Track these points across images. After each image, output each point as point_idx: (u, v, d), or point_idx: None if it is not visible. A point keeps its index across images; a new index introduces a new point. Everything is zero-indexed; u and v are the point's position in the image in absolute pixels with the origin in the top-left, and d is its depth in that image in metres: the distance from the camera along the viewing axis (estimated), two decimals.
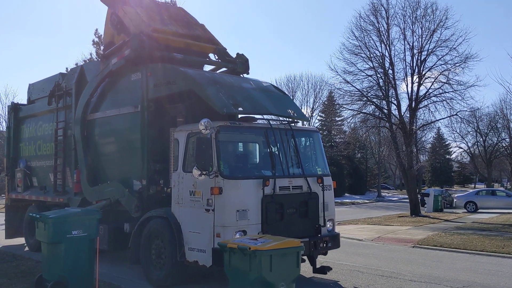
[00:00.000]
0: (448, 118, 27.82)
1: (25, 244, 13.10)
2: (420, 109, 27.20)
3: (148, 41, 9.43)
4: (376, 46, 26.88)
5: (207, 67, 11.20)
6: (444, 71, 26.36)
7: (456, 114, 26.80)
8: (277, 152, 8.71)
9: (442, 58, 26.25)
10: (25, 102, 14.17)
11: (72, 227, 7.91)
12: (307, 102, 49.06)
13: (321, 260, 9.94)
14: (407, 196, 30.00)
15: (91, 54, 28.01)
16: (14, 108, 14.13)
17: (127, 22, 10.12)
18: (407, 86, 27.33)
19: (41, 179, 12.83)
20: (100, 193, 10.24)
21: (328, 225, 9.15)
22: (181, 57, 9.95)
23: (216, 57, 11.02)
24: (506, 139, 49.28)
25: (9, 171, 14.03)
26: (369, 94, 26.90)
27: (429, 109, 27.00)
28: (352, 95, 26.97)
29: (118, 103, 10.19)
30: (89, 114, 10.84)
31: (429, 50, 26.48)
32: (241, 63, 10.92)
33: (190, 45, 10.45)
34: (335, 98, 40.91)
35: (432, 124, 32.13)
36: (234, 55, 11.12)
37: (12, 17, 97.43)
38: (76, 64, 26.16)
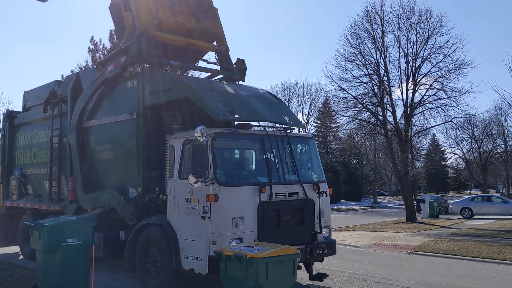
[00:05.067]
0: (443, 124, 28.03)
1: (20, 253, 13.01)
2: (415, 116, 27.34)
3: (146, 47, 9.29)
4: (371, 53, 27.05)
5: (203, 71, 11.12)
6: (438, 77, 26.54)
7: (451, 121, 26.95)
8: (273, 159, 8.72)
9: (436, 65, 26.46)
10: (20, 110, 14.12)
11: (67, 235, 7.88)
12: (302, 109, 49.19)
13: (317, 267, 9.92)
14: (403, 203, 30.02)
15: (86, 62, 28.01)
16: (9, 116, 14.05)
17: (134, 10, 9.74)
18: (402, 92, 27.47)
19: (36, 187, 12.76)
20: (96, 201, 10.19)
21: (324, 232, 9.15)
22: (177, 64, 9.92)
23: (216, 58, 10.83)
24: (501, 145, 49.55)
25: (3, 178, 13.95)
26: (364, 101, 27.03)
27: (424, 115, 27.17)
28: (348, 101, 27.10)
29: (114, 111, 10.18)
30: (85, 121, 10.81)
31: (424, 57, 26.66)
32: (238, 70, 10.79)
33: (191, 45, 10.32)
34: (330, 105, 41.20)
35: (427, 130, 32.30)
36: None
37: (7, 24, 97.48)
38: (72, 71, 26.13)
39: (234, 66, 10.82)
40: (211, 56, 11.04)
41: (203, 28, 10.47)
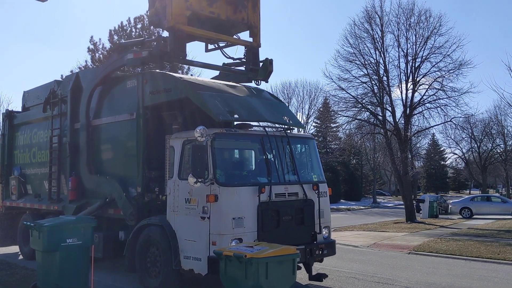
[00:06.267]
0: (443, 124, 28.09)
1: (19, 253, 13.01)
2: (415, 116, 27.38)
3: (171, 47, 8.81)
4: (371, 53, 27.10)
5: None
6: (438, 77, 26.59)
7: (450, 121, 27.03)
8: (272, 159, 8.72)
9: (436, 65, 26.52)
10: (20, 110, 14.11)
11: (67, 235, 7.89)
12: (302, 109, 49.27)
13: (317, 267, 9.92)
14: (402, 202, 30.06)
15: (86, 62, 28.04)
16: (9, 115, 14.04)
17: None
18: (401, 92, 27.54)
19: (35, 186, 12.76)
20: (98, 185, 10.19)
21: (324, 232, 9.15)
22: (200, 64, 9.75)
23: (244, 54, 10.24)
24: (501, 145, 49.57)
25: (3, 178, 13.95)
26: (364, 101, 27.06)
27: (423, 115, 27.23)
28: (347, 101, 27.13)
29: (114, 110, 10.18)
30: (92, 120, 10.73)
31: (423, 57, 26.73)
32: (263, 70, 10.26)
33: (222, 38, 9.92)
34: (330, 105, 41.22)
35: (427, 130, 32.34)
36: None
37: (6, 24, 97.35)
38: (72, 71, 26.13)
39: (261, 64, 10.29)
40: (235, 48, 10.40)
41: (238, 19, 9.77)
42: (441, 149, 72.29)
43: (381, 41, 26.86)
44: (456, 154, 51.46)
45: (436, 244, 15.59)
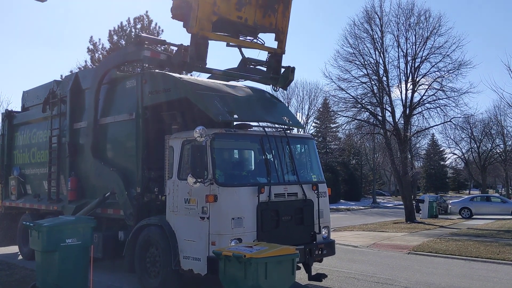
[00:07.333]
0: (442, 124, 28.07)
1: (19, 253, 13.00)
2: (414, 116, 27.37)
3: (192, 57, 8.50)
4: (370, 53, 27.08)
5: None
6: (437, 78, 26.59)
7: (450, 121, 27.03)
8: (272, 159, 8.73)
9: (435, 65, 26.49)
10: (19, 110, 14.12)
11: (66, 235, 7.89)
12: (302, 109, 49.27)
13: (316, 267, 9.93)
14: (402, 203, 30.05)
15: (86, 62, 28.04)
16: (8, 115, 14.06)
17: None
18: (401, 93, 27.54)
19: (35, 187, 12.76)
20: (100, 174, 10.14)
21: (323, 232, 9.16)
22: (220, 72, 9.61)
23: (267, 59, 9.98)
24: (500, 145, 49.55)
25: (2, 178, 13.95)
26: (364, 101, 27.03)
27: (423, 115, 27.21)
28: (347, 102, 27.10)
29: (113, 110, 10.18)
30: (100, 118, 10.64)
31: (423, 57, 26.71)
32: (283, 78, 9.97)
33: (246, 45, 9.70)
34: (330, 105, 41.19)
35: (426, 130, 32.35)
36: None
37: (6, 24, 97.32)
38: (71, 71, 26.12)
39: (280, 76, 9.98)
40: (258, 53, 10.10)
41: (266, 24, 9.41)
42: (441, 149, 72.31)
43: (380, 41, 26.88)
44: (455, 154, 51.45)
45: (436, 244, 15.59)
